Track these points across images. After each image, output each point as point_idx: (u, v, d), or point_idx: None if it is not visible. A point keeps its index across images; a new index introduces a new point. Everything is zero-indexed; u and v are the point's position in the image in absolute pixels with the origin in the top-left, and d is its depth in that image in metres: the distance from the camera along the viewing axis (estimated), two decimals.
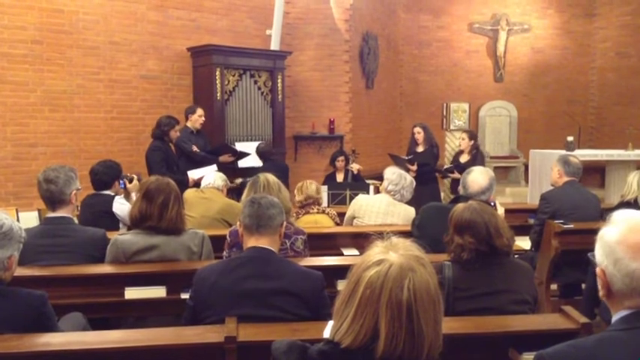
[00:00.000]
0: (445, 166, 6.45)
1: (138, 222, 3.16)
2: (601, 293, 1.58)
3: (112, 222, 4.04)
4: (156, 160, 5.83)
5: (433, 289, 1.38)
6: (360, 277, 1.38)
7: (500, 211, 3.97)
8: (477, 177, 3.64)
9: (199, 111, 6.49)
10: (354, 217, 4.44)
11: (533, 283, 2.71)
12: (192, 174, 5.91)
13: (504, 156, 11.26)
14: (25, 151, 6.43)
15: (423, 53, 11.41)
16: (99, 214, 4.18)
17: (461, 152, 6.81)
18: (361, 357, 1.34)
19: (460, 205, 2.68)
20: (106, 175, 4.32)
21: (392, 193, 4.38)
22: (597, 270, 1.57)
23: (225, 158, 6.53)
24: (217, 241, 3.44)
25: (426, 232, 3.62)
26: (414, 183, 4.51)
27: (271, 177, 3.53)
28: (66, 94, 6.71)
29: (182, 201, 3.27)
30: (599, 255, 1.57)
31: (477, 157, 6.58)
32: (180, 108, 7.14)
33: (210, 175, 4.66)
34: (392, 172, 4.43)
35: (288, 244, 3.28)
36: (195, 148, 6.29)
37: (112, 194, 4.25)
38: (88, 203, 4.40)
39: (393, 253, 1.40)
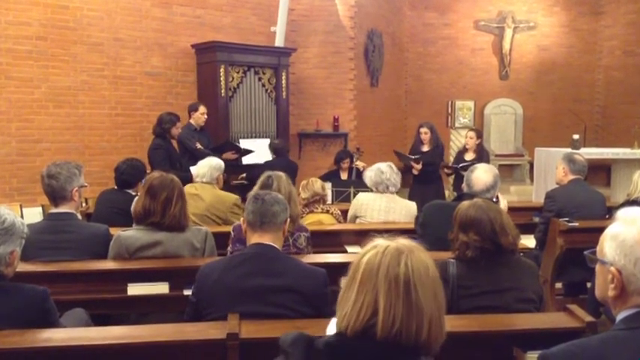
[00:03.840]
0: (462, 164, 6.41)
1: (141, 218, 3.16)
2: (611, 293, 1.54)
3: (126, 220, 3.97)
4: (158, 158, 5.81)
5: (431, 269, 1.40)
6: (358, 264, 1.41)
7: (503, 203, 3.93)
8: (481, 174, 3.60)
9: (202, 108, 6.46)
10: (356, 217, 4.44)
11: (538, 281, 2.69)
12: (195, 170, 5.89)
13: (509, 154, 11.21)
14: (30, 147, 6.44)
15: (428, 51, 11.38)
16: (115, 210, 4.18)
17: (465, 150, 6.78)
18: (365, 345, 1.33)
19: (465, 203, 2.66)
20: (130, 176, 4.33)
21: (386, 191, 4.40)
22: (612, 269, 1.53)
23: (228, 155, 6.51)
24: (220, 238, 3.43)
25: (429, 230, 3.59)
26: (392, 165, 4.50)
27: (283, 183, 3.34)
28: (70, 90, 6.72)
29: (185, 197, 3.25)
30: (615, 254, 1.53)
31: (483, 155, 6.56)
32: (184, 105, 7.13)
33: (203, 168, 4.51)
34: (369, 177, 4.46)
35: (290, 240, 3.26)
36: (198, 145, 6.27)
37: (133, 193, 4.23)
38: (107, 198, 4.41)
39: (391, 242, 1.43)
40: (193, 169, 5.80)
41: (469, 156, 6.61)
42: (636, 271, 1.49)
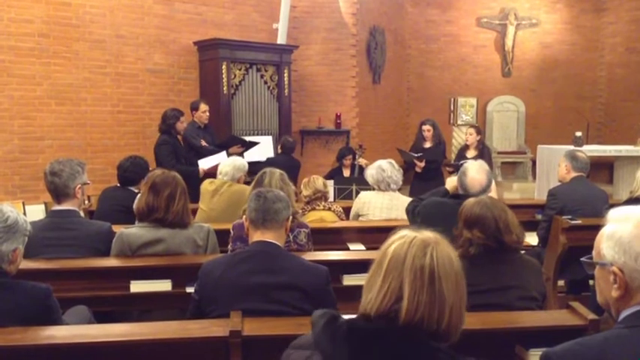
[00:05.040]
0: (462, 162, 6.40)
1: (144, 215, 3.16)
2: (616, 294, 1.52)
3: (128, 218, 3.95)
4: (164, 153, 5.83)
5: (455, 262, 1.45)
6: (385, 252, 1.45)
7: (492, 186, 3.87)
8: (475, 176, 3.46)
9: (202, 107, 6.45)
10: (358, 215, 4.44)
11: (541, 279, 2.68)
12: (203, 164, 5.91)
13: (512, 151, 11.20)
14: (32, 145, 6.44)
15: (430, 48, 11.36)
16: (118, 207, 4.18)
17: (467, 147, 6.78)
18: (387, 327, 1.38)
19: (471, 200, 2.66)
20: (133, 174, 4.34)
21: (387, 189, 4.39)
22: (613, 269, 1.52)
23: (234, 150, 6.48)
24: (223, 235, 3.43)
25: (429, 228, 3.54)
26: (393, 162, 4.51)
27: (275, 178, 3.46)
28: (72, 87, 6.72)
29: (187, 194, 3.25)
30: (614, 253, 1.51)
31: (484, 152, 6.56)
32: (186, 102, 7.13)
33: (226, 167, 4.51)
34: (370, 175, 4.47)
35: (291, 237, 3.26)
36: (203, 143, 6.27)
37: (136, 191, 4.24)
38: (110, 196, 4.41)
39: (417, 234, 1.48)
40: (203, 163, 5.84)
41: (470, 153, 6.62)
42: (638, 266, 1.48)
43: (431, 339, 1.39)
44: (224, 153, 6.10)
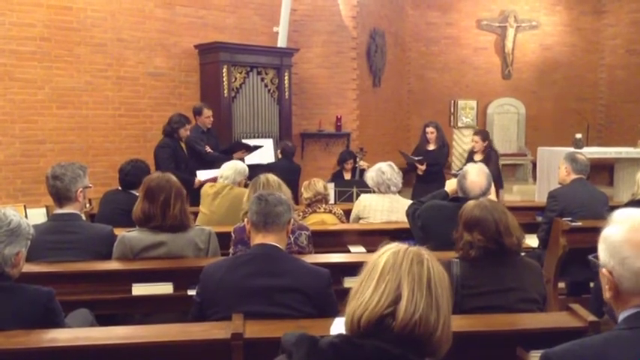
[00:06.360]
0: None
1: (142, 222, 3.16)
2: (608, 295, 1.55)
3: (129, 221, 3.98)
4: (164, 156, 5.84)
5: (447, 278, 1.42)
6: (377, 260, 1.41)
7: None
8: (475, 179, 3.47)
9: (206, 112, 6.44)
10: (359, 218, 4.44)
11: (542, 282, 2.68)
12: (201, 175, 5.90)
13: (512, 153, 11.21)
14: (34, 148, 6.46)
15: (430, 50, 11.38)
16: (119, 211, 4.19)
17: (474, 152, 6.80)
18: (371, 344, 1.32)
19: (471, 202, 2.67)
20: (135, 177, 4.34)
21: (387, 191, 4.41)
22: (603, 271, 1.55)
23: (239, 155, 6.48)
24: (224, 238, 3.44)
25: (430, 233, 3.55)
26: (393, 165, 4.53)
27: (271, 176, 3.52)
28: (74, 91, 6.74)
29: (185, 196, 3.25)
30: (605, 256, 1.55)
31: (491, 156, 6.56)
32: (187, 105, 7.15)
33: (228, 171, 4.52)
34: (370, 178, 4.48)
35: (292, 239, 3.27)
36: (208, 149, 6.27)
37: (137, 194, 4.25)
38: (111, 199, 4.42)
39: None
40: (201, 174, 5.83)
41: (477, 157, 6.65)
42: (624, 271, 1.50)
43: (419, 354, 1.33)
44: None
